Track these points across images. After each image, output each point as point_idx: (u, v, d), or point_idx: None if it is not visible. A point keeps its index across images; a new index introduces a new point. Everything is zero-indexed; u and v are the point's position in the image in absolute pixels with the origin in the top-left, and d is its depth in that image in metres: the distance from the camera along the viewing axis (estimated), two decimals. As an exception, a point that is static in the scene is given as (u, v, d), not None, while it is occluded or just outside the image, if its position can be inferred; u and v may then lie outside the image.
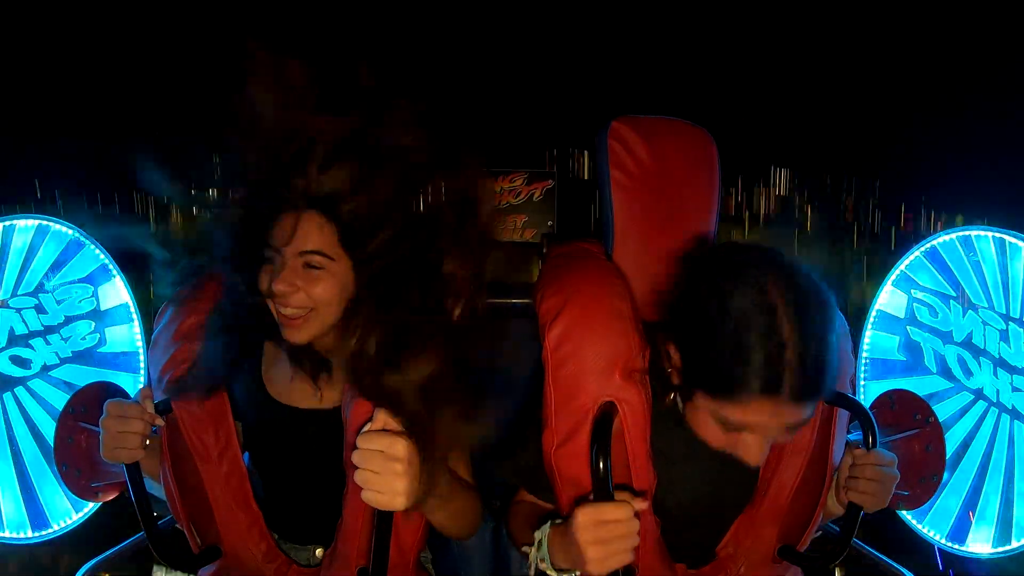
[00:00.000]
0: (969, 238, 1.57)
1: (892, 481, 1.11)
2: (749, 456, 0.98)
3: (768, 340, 0.90)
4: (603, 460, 0.96)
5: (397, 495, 0.93)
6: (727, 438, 0.99)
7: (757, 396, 0.91)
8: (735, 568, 1.17)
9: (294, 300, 1.05)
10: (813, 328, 0.91)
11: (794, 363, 0.89)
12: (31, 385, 1.65)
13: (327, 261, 1.05)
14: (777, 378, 0.90)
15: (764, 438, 0.96)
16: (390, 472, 0.92)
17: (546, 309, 1.11)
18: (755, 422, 0.94)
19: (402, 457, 0.93)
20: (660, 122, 1.36)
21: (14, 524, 1.62)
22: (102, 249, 1.68)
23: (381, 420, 0.96)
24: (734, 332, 0.91)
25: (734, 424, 0.95)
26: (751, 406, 0.92)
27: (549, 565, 1.03)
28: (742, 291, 0.92)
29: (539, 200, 1.85)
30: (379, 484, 0.93)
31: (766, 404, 0.91)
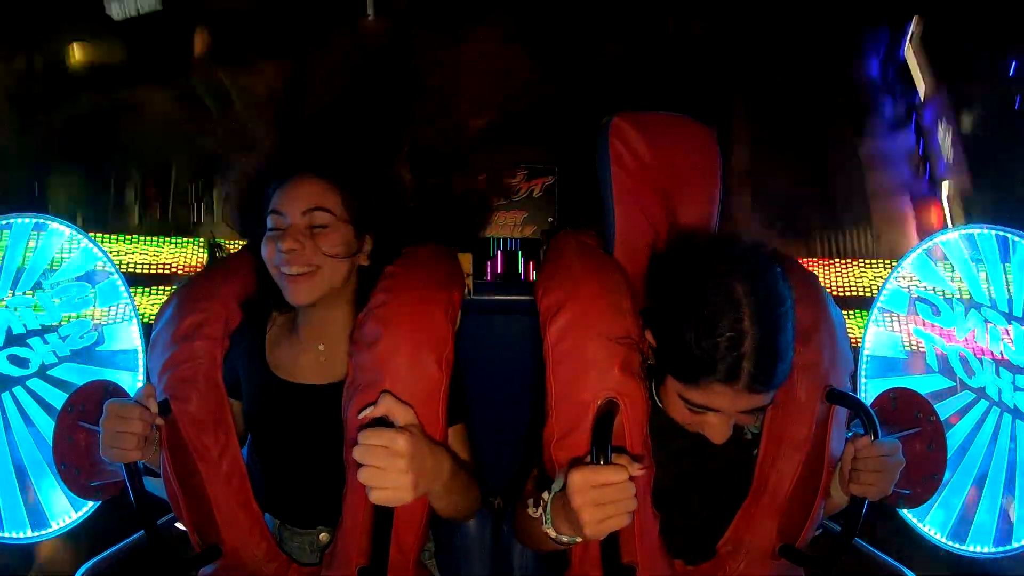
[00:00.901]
0: (971, 236, 1.56)
1: (897, 467, 1.10)
2: (713, 435, 1.05)
3: (730, 330, 0.97)
4: (603, 456, 0.95)
5: (403, 490, 0.92)
6: (692, 417, 1.06)
7: (719, 384, 0.98)
8: (735, 565, 1.17)
9: (300, 258, 1.11)
10: (773, 326, 0.99)
11: (751, 352, 0.97)
12: (30, 384, 1.65)
13: (331, 218, 1.13)
14: (736, 369, 0.97)
15: (726, 419, 1.04)
16: (394, 468, 0.92)
17: (547, 305, 1.11)
18: (717, 406, 1.01)
19: (405, 453, 0.92)
20: (661, 118, 1.35)
21: (14, 524, 1.62)
22: (100, 248, 1.67)
23: (385, 404, 0.95)
24: (699, 320, 0.99)
25: (698, 406, 1.03)
26: (713, 392, 1.00)
27: (549, 524, 1.01)
28: (713, 286, 1.00)
29: (539, 197, 1.84)
30: (384, 481, 0.92)
31: (727, 391, 0.99)
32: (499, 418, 1.41)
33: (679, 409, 1.06)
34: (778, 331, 0.99)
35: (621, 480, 0.90)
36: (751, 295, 0.98)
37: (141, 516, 1.10)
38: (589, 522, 0.90)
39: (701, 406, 1.02)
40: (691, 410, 1.04)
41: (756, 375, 0.97)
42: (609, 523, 0.90)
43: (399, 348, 1.08)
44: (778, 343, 0.99)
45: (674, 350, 1.02)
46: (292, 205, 1.13)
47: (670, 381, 1.05)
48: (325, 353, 1.21)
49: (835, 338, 1.20)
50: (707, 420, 1.04)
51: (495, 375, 1.48)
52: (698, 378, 0.99)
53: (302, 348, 1.22)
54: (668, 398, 1.08)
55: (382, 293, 1.12)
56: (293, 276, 1.12)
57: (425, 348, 1.08)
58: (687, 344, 0.99)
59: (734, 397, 0.99)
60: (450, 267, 1.21)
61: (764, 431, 1.17)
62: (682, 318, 1.01)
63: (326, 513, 1.17)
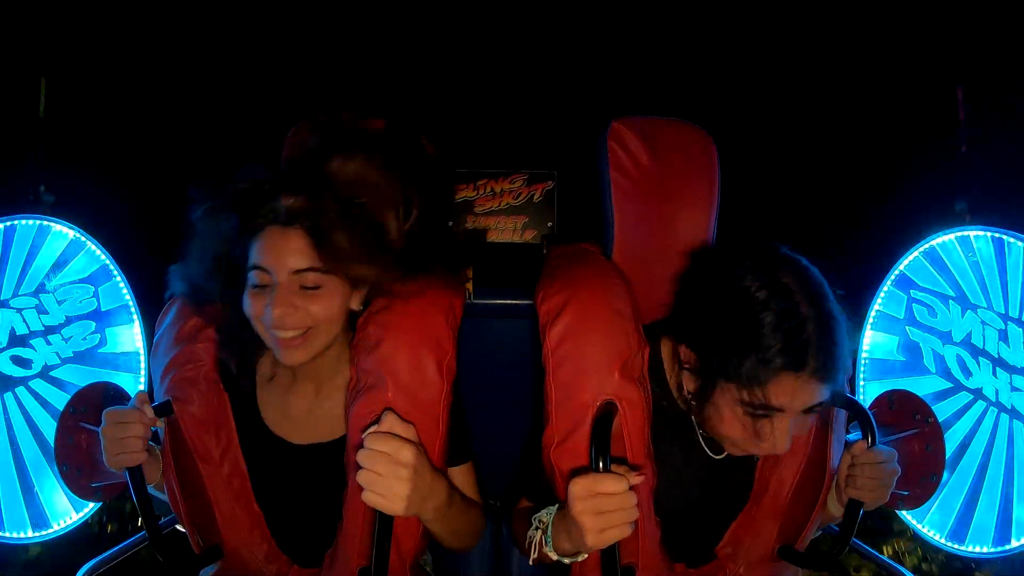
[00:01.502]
0: (967, 238, 1.57)
1: (892, 476, 1.11)
2: (778, 441, 0.99)
3: (789, 319, 0.93)
4: (602, 459, 0.96)
5: (398, 499, 0.93)
6: (752, 428, 1.00)
7: (783, 373, 0.93)
8: (735, 567, 1.17)
9: (292, 322, 1.04)
10: (828, 307, 0.96)
11: (815, 339, 0.93)
12: (32, 385, 1.65)
13: (323, 278, 1.04)
14: (802, 354, 0.93)
15: (788, 421, 0.98)
16: (394, 476, 0.92)
17: (547, 309, 1.11)
18: (781, 403, 0.96)
19: (409, 463, 0.93)
20: (659, 123, 1.36)
21: (14, 524, 1.63)
22: (103, 249, 1.68)
23: (389, 422, 0.96)
24: (752, 315, 0.94)
25: (761, 408, 0.97)
26: (778, 385, 0.94)
27: (551, 547, 1.02)
28: (753, 277, 0.96)
29: (539, 201, 1.85)
30: (382, 487, 0.93)
31: (792, 381, 0.94)
32: (499, 421, 1.41)
33: (735, 425, 1.00)
34: (835, 315, 0.96)
35: (621, 490, 0.91)
36: (799, 283, 0.96)
37: (143, 517, 1.11)
38: (591, 529, 0.90)
39: (765, 406, 0.96)
40: (753, 416, 0.98)
41: (824, 359, 0.94)
42: (611, 532, 0.91)
43: (399, 351, 1.08)
44: (837, 327, 0.96)
45: (727, 352, 0.96)
46: (279, 263, 1.03)
47: (726, 393, 0.98)
48: (321, 407, 1.18)
49: None
50: (766, 428, 0.99)
51: (495, 378, 1.49)
52: (765, 373, 0.94)
53: (296, 401, 1.19)
54: (720, 414, 1.01)
55: (383, 298, 1.13)
56: (286, 339, 1.05)
57: (425, 352, 1.09)
58: (742, 340, 0.94)
59: (800, 389, 0.95)
60: (449, 271, 1.22)
61: None
62: (730, 316, 0.96)
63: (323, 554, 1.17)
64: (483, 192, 1.85)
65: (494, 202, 1.86)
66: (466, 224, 1.84)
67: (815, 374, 0.94)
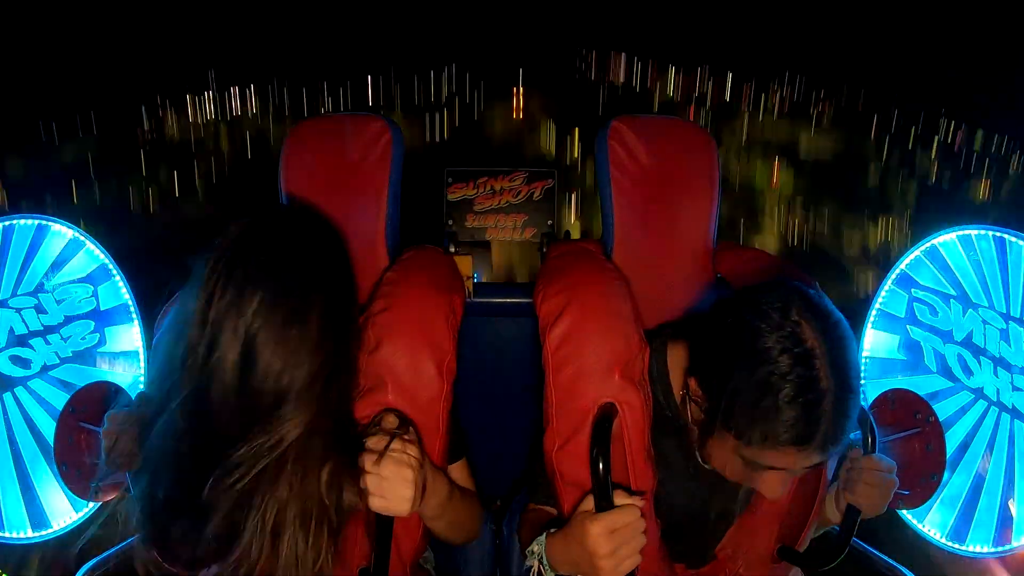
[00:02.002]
0: (969, 237, 1.56)
1: (890, 487, 1.11)
2: (767, 490, 0.98)
3: (806, 392, 0.87)
4: (603, 461, 0.96)
5: (404, 501, 0.93)
6: (748, 476, 0.98)
7: (788, 446, 0.90)
8: (734, 568, 1.17)
9: None
10: (848, 377, 0.89)
11: (829, 415, 0.88)
12: (31, 385, 1.65)
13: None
14: (812, 430, 0.88)
15: (786, 477, 0.97)
16: (400, 479, 0.92)
17: (547, 311, 1.11)
18: (781, 465, 0.94)
19: (414, 465, 0.93)
20: (659, 121, 1.36)
21: (14, 524, 1.62)
22: (102, 249, 1.68)
23: (389, 423, 0.96)
24: (770, 384, 0.88)
25: (759, 467, 0.95)
26: (780, 454, 0.91)
27: (551, 573, 1.03)
28: (778, 337, 0.89)
29: (539, 199, 1.85)
30: (388, 490, 0.93)
31: (795, 453, 0.91)
32: (499, 420, 1.41)
33: (731, 465, 0.99)
34: (853, 387, 0.89)
35: (635, 519, 0.92)
36: (822, 341, 0.88)
37: (142, 516, 1.11)
38: (609, 569, 0.91)
39: (763, 465, 0.94)
40: (747, 468, 0.97)
41: (831, 436, 0.89)
42: (627, 564, 0.92)
43: (399, 353, 1.08)
44: (852, 399, 0.89)
45: (735, 407, 0.91)
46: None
47: (727, 440, 0.95)
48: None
49: None
50: (763, 479, 0.97)
51: (495, 377, 1.49)
52: (767, 439, 0.89)
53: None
54: (717, 452, 1.00)
55: (381, 299, 1.13)
56: None
57: (425, 353, 1.09)
58: (753, 401, 0.89)
59: (803, 458, 0.91)
60: (449, 272, 1.22)
61: None
62: (745, 371, 0.89)
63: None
64: (483, 190, 1.85)
65: (493, 200, 1.85)
66: (466, 222, 1.83)
67: (820, 447, 0.90)
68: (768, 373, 0.88)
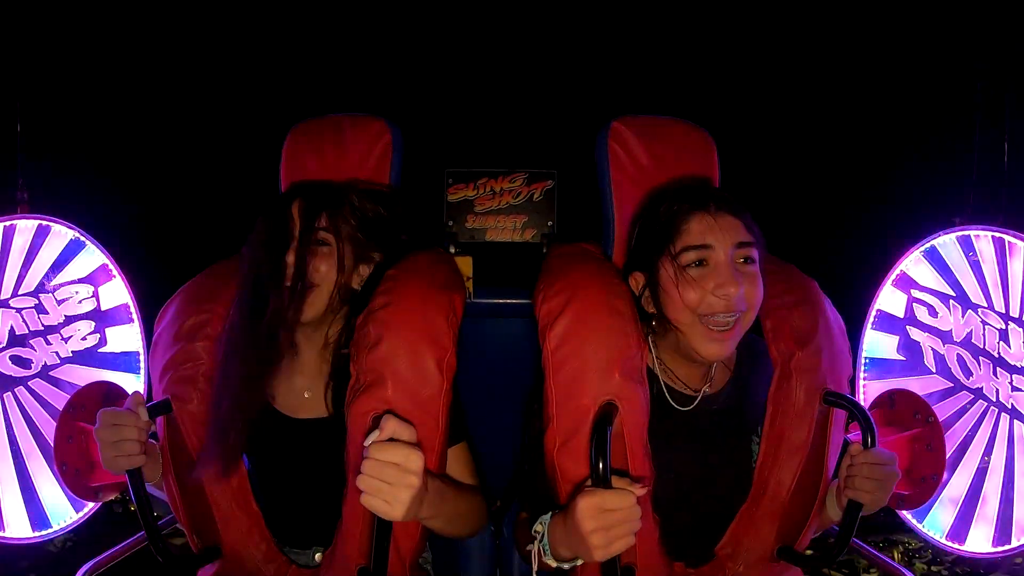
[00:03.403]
0: (968, 237, 1.57)
1: (892, 479, 1.11)
2: (724, 284, 1.07)
3: (682, 185, 1.20)
4: (602, 460, 0.96)
5: (401, 506, 0.93)
6: (700, 281, 1.09)
7: (692, 214, 1.11)
8: (734, 567, 1.17)
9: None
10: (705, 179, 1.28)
11: (709, 187, 1.22)
12: (31, 385, 1.65)
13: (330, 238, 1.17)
14: (699, 196, 1.13)
15: (724, 258, 1.09)
16: (402, 484, 0.92)
17: (547, 311, 1.11)
18: (704, 237, 1.09)
19: (417, 471, 0.93)
20: (659, 122, 1.36)
21: (14, 524, 1.63)
22: (103, 249, 1.68)
23: (390, 427, 0.95)
24: (657, 197, 1.19)
25: (692, 250, 1.09)
26: (692, 224, 1.11)
27: (550, 556, 1.03)
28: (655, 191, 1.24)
29: (539, 200, 1.85)
30: (388, 495, 0.92)
31: (704, 217, 1.11)
32: (499, 421, 1.41)
33: (685, 291, 1.09)
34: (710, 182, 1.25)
35: (628, 505, 0.93)
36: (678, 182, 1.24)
37: (142, 517, 1.11)
38: (598, 545, 0.92)
39: (693, 246, 1.09)
40: (693, 271, 1.09)
41: (720, 196, 1.13)
42: (617, 544, 0.93)
43: (399, 350, 1.08)
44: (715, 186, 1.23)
45: (651, 235, 1.16)
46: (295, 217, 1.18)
47: (665, 266, 1.11)
48: (322, 386, 1.22)
49: (833, 342, 1.20)
50: (711, 275, 1.08)
51: (495, 377, 1.49)
52: (677, 227, 1.11)
53: (297, 380, 1.23)
54: (671, 293, 1.11)
55: (382, 296, 1.13)
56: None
57: (426, 350, 1.09)
58: (657, 218, 1.15)
59: (714, 221, 1.10)
60: (450, 271, 1.22)
61: (763, 435, 1.17)
62: (645, 217, 1.20)
63: (322, 534, 1.18)
64: (483, 191, 1.85)
65: (494, 201, 1.86)
66: (466, 223, 1.83)
67: (720, 207, 1.11)
68: (651, 203, 1.21)
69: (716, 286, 1.07)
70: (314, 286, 1.15)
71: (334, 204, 1.20)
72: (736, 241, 1.10)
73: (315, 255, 1.15)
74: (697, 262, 1.10)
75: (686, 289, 1.09)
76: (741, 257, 1.11)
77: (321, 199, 1.19)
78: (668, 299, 1.12)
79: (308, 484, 1.21)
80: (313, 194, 1.20)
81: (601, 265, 1.22)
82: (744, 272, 1.10)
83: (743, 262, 1.11)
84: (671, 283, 1.10)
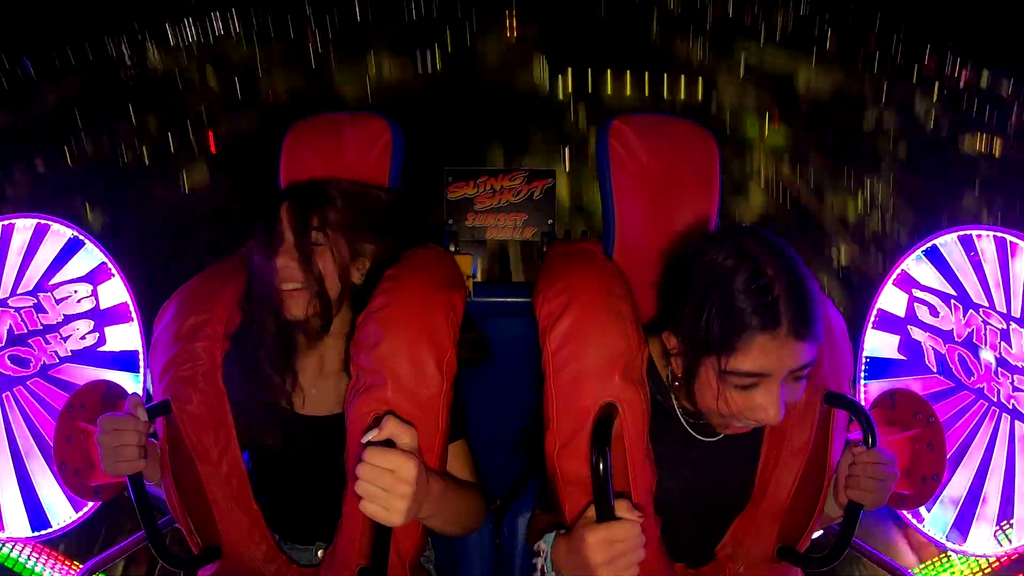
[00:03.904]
0: (969, 237, 1.56)
1: (892, 479, 1.11)
2: (767, 410, 0.98)
3: (756, 279, 0.95)
4: (603, 462, 0.96)
5: (397, 513, 0.93)
6: (740, 402, 1.00)
7: (759, 335, 0.94)
8: (734, 568, 1.17)
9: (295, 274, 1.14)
10: (794, 265, 0.98)
11: (784, 295, 0.95)
12: (30, 385, 1.65)
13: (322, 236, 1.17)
14: (773, 312, 0.94)
15: (776, 386, 0.98)
16: (398, 493, 0.92)
17: (547, 311, 1.11)
18: (762, 366, 0.96)
19: (412, 480, 0.92)
20: (661, 120, 1.35)
21: (14, 524, 1.62)
22: (102, 248, 1.67)
23: (389, 428, 0.95)
24: (721, 282, 0.96)
25: (743, 376, 0.97)
26: (755, 348, 0.95)
27: (553, 574, 1.03)
28: (719, 249, 0.99)
29: (539, 198, 1.84)
30: (384, 501, 0.92)
31: (771, 342, 0.95)
32: (499, 420, 1.41)
33: (724, 398, 1.00)
34: (802, 272, 0.98)
35: (635, 535, 0.93)
36: (763, 248, 0.97)
37: (143, 518, 1.11)
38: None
39: (747, 373, 0.97)
40: (737, 389, 0.98)
41: (796, 315, 0.94)
42: (625, 574, 0.94)
43: (399, 350, 1.08)
44: (807, 281, 0.97)
45: (703, 326, 0.98)
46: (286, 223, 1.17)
47: (708, 368, 1.00)
48: (325, 382, 1.22)
49: (835, 342, 1.20)
50: (756, 398, 0.98)
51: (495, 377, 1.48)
52: (738, 338, 0.95)
53: (300, 376, 1.23)
54: (708, 393, 1.02)
55: (382, 295, 1.12)
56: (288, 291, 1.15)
57: (426, 350, 1.08)
58: (715, 310, 0.96)
59: (779, 348, 0.95)
60: (450, 270, 1.22)
61: (764, 436, 1.17)
62: (703, 289, 0.98)
63: (324, 530, 1.18)
64: (483, 190, 1.84)
65: (494, 199, 1.85)
66: (466, 222, 1.83)
67: (791, 331, 0.95)
68: (718, 279, 0.97)
69: (759, 409, 0.99)
70: (314, 285, 1.15)
71: (319, 201, 1.19)
72: (796, 367, 0.98)
73: (311, 254, 1.15)
74: (747, 385, 0.99)
75: (723, 401, 1.01)
76: (794, 378, 1.01)
77: (307, 199, 1.19)
78: (701, 391, 1.04)
79: (310, 479, 1.21)
80: (299, 196, 1.20)
81: (602, 265, 1.21)
82: (792, 387, 1.01)
83: (795, 378, 1.01)
84: (709, 386, 1.01)
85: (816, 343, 0.98)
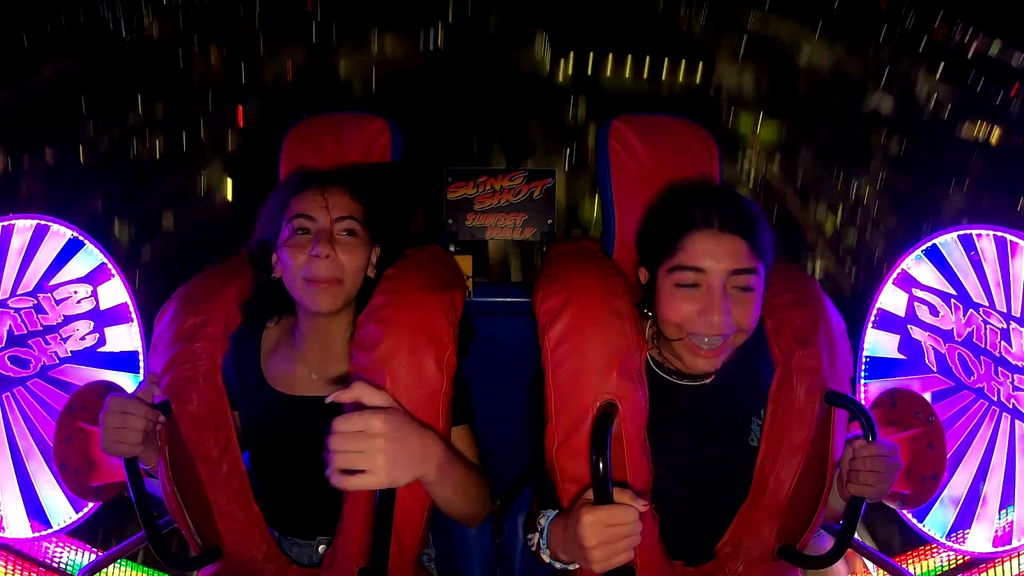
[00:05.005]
0: (969, 237, 1.56)
1: (894, 469, 1.11)
2: (710, 313, 1.06)
3: (691, 191, 1.13)
4: (602, 459, 0.96)
5: (381, 470, 0.91)
6: (690, 304, 1.07)
7: (694, 231, 1.07)
8: (734, 566, 1.17)
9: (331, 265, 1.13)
10: (734, 190, 1.15)
11: (719, 201, 1.09)
12: (30, 385, 1.65)
13: (358, 227, 1.17)
14: (706, 212, 1.08)
15: (717, 287, 1.06)
16: (372, 449, 0.90)
17: (546, 310, 1.11)
18: (703, 262, 1.06)
19: (381, 432, 0.91)
20: (660, 120, 1.36)
21: (14, 524, 1.62)
22: (101, 248, 1.67)
23: (356, 390, 0.93)
24: (664, 203, 1.16)
25: (685, 271, 1.07)
26: (690, 244, 1.07)
27: (547, 552, 1.03)
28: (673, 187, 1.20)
29: (539, 198, 1.85)
30: (363, 463, 0.91)
31: (702, 238, 1.07)
32: (498, 420, 1.41)
33: (677, 304, 1.08)
34: (742, 196, 1.12)
35: (631, 520, 0.93)
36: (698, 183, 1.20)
37: (141, 516, 1.11)
38: (599, 559, 0.93)
39: (687, 267, 1.07)
40: (683, 290, 1.07)
41: (730, 218, 1.07)
42: (617, 559, 0.93)
43: (399, 350, 1.08)
44: (746, 203, 1.10)
45: (652, 241, 1.14)
46: (322, 211, 1.15)
47: (663, 279, 1.10)
48: (325, 370, 1.22)
49: (834, 341, 1.20)
50: (700, 300, 1.06)
51: (495, 376, 1.48)
52: (679, 238, 1.08)
53: (300, 359, 1.23)
54: (666, 305, 1.10)
55: (382, 295, 1.12)
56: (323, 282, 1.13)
57: (425, 350, 1.09)
58: (660, 224, 1.13)
59: (714, 244, 1.06)
60: (450, 270, 1.22)
61: (764, 433, 1.17)
62: (654, 215, 1.17)
63: (325, 524, 1.18)
64: (482, 189, 1.85)
65: (493, 199, 1.85)
66: (465, 222, 1.83)
67: (724, 227, 1.06)
68: (663, 202, 1.18)
69: (702, 311, 1.06)
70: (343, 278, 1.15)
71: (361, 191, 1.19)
72: (734, 267, 1.06)
73: (341, 246, 1.15)
74: (689, 283, 1.08)
75: (673, 306, 1.09)
76: (737, 284, 1.08)
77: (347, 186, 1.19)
78: (659, 308, 1.12)
79: (310, 471, 1.20)
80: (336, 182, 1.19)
81: (601, 264, 1.21)
82: (737, 298, 1.07)
83: (739, 288, 1.08)
84: (666, 295, 1.10)
85: (758, 256, 1.08)
